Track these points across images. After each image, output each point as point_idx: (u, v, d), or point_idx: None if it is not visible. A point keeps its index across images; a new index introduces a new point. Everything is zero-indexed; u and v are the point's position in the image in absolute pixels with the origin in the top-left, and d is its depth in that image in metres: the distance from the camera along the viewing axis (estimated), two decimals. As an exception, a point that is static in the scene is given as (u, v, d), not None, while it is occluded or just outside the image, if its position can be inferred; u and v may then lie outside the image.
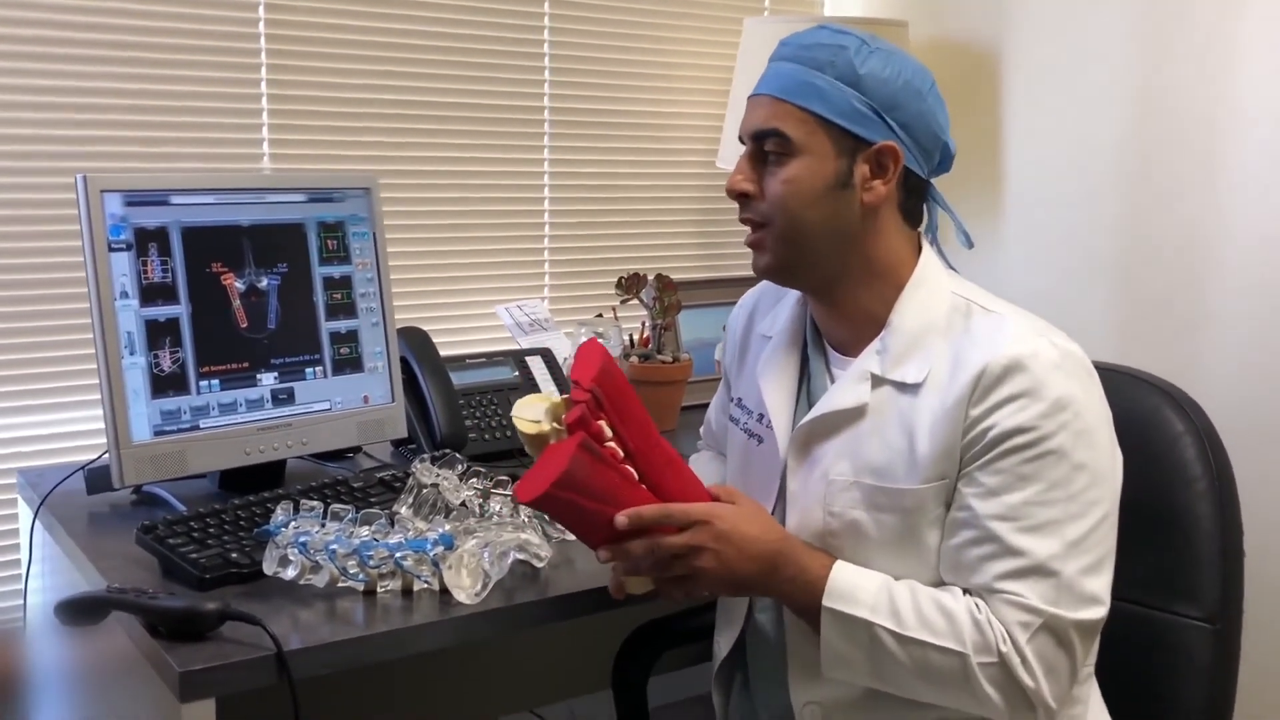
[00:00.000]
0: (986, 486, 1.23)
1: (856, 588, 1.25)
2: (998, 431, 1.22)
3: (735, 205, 1.37)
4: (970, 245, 1.43)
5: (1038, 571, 1.20)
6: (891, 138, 1.30)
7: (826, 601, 1.24)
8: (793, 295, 1.47)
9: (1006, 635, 1.20)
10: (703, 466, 1.66)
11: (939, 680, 1.23)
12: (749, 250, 1.38)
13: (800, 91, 1.29)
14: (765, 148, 1.31)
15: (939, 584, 1.27)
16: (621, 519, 1.21)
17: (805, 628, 1.30)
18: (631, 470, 1.27)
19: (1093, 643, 1.25)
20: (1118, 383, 1.50)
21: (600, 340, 2.16)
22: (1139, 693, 1.36)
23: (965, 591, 1.24)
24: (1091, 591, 1.22)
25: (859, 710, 1.31)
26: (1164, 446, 1.43)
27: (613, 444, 1.26)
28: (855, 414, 1.31)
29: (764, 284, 1.56)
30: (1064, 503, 1.21)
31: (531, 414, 1.30)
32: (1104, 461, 1.25)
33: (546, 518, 1.50)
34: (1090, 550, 1.22)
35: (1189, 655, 1.41)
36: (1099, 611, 1.22)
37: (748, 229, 1.35)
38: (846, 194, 1.30)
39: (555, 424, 1.28)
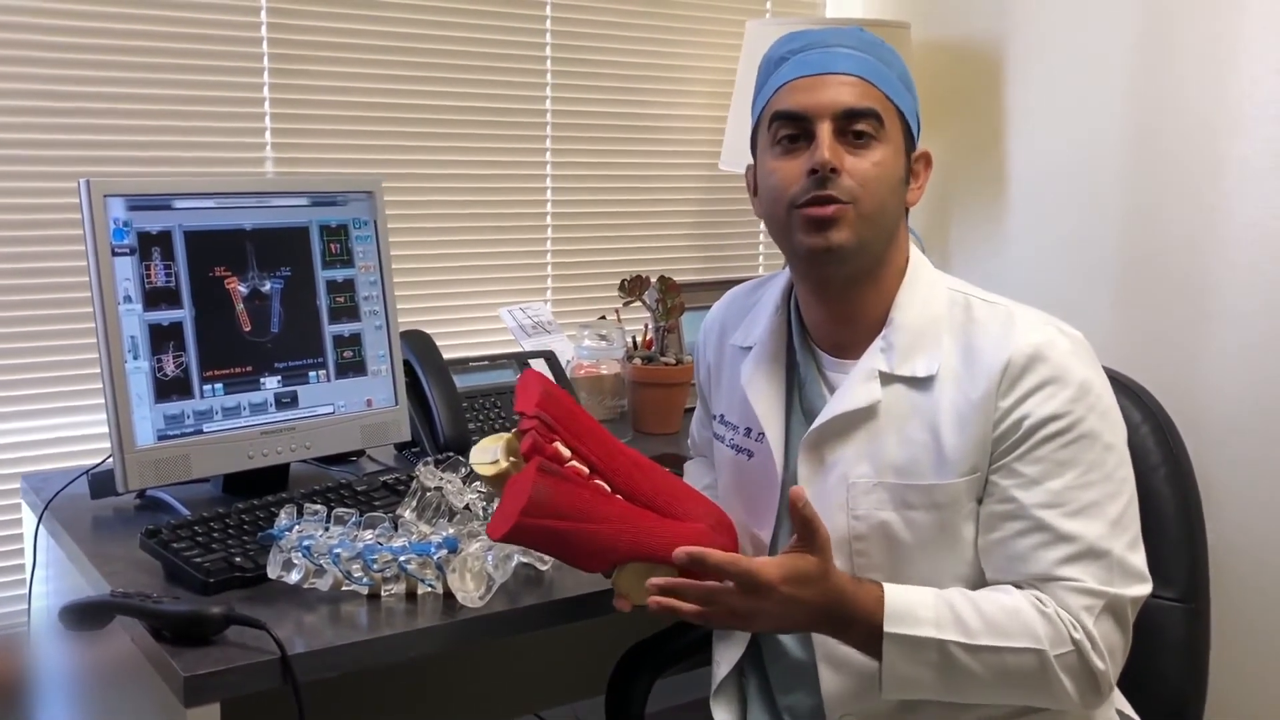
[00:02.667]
0: (1027, 476, 1.24)
1: (914, 605, 1.23)
2: (1033, 420, 1.23)
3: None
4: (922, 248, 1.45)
5: (1090, 554, 1.22)
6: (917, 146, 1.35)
7: (888, 627, 1.22)
8: (766, 305, 1.45)
9: (1075, 622, 1.21)
10: (697, 476, 1.65)
11: (1014, 681, 1.23)
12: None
13: (886, 81, 1.31)
14: (856, 127, 1.28)
15: (974, 580, 1.27)
16: (681, 555, 1.20)
17: (833, 644, 1.28)
18: (602, 484, 1.26)
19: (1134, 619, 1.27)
20: None
21: (604, 341, 2.17)
22: (1122, 672, 1.38)
23: (1017, 586, 1.24)
24: (1138, 567, 1.25)
25: (896, 717, 1.30)
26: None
27: (575, 463, 1.25)
28: (868, 413, 1.30)
29: (728, 298, 1.56)
30: (1101, 483, 1.24)
31: (488, 456, 1.29)
32: (1123, 441, 1.28)
33: None
34: (1129, 527, 1.25)
35: (1166, 634, 1.46)
36: (1147, 587, 1.25)
37: (817, 205, 1.27)
38: (903, 190, 1.33)
39: (513, 458, 1.27)
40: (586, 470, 1.26)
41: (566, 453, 1.25)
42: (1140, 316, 2.20)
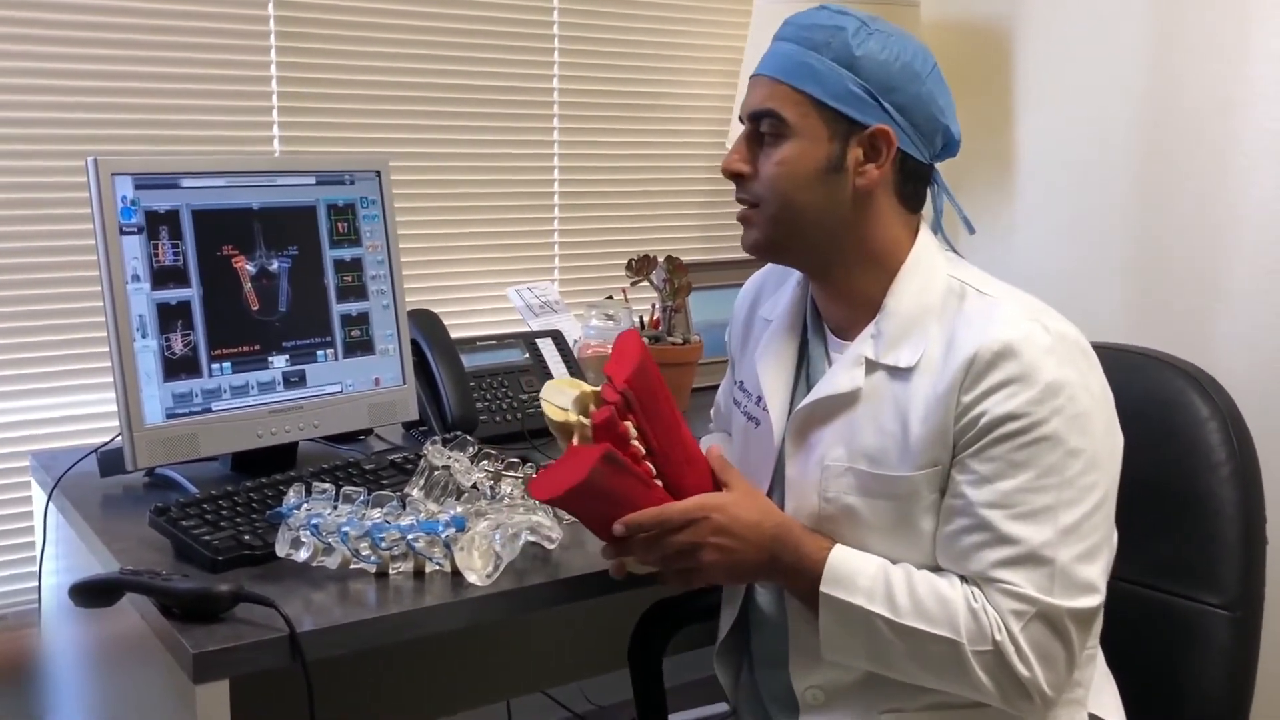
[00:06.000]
0: (979, 474, 1.22)
1: (854, 573, 1.25)
2: (989, 418, 1.21)
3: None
4: (972, 231, 1.43)
5: (1031, 559, 1.19)
6: (886, 121, 1.28)
7: (824, 588, 1.25)
8: (794, 278, 1.46)
9: (1001, 624, 1.19)
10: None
11: (934, 667, 1.23)
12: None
13: (796, 72, 1.29)
14: (761, 128, 1.31)
15: (936, 569, 1.27)
16: (619, 528, 1.24)
17: (805, 613, 1.31)
18: (650, 467, 1.27)
19: (1089, 630, 1.24)
20: (1142, 366, 1.49)
21: (611, 321, 2.16)
22: (1157, 679, 1.35)
23: (963, 579, 1.24)
24: (1086, 579, 1.20)
25: (860, 693, 1.32)
26: (1188, 430, 1.41)
27: (636, 443, 1.26)
28: (849, 399, 1.31)
29: (769, 267, 1.56)
30: (1057, 489, 1.20)
31: (561, 400, 1.29)
32: (1100, 446, 1.24)
33: None
34: (1085, 537, 1.21)
35: (1208, 643, 1.40)
36: (1094, 599, 1.21)
37: (741, 206, 1.36)
38: (839, 177, 1.29)
39: (582, 417, 1.27)
40: (643, 452, 1.27)
41: (633, 433, 1.26)
42: (1151, 297, 2.19)
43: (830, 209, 1.30)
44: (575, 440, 1.26)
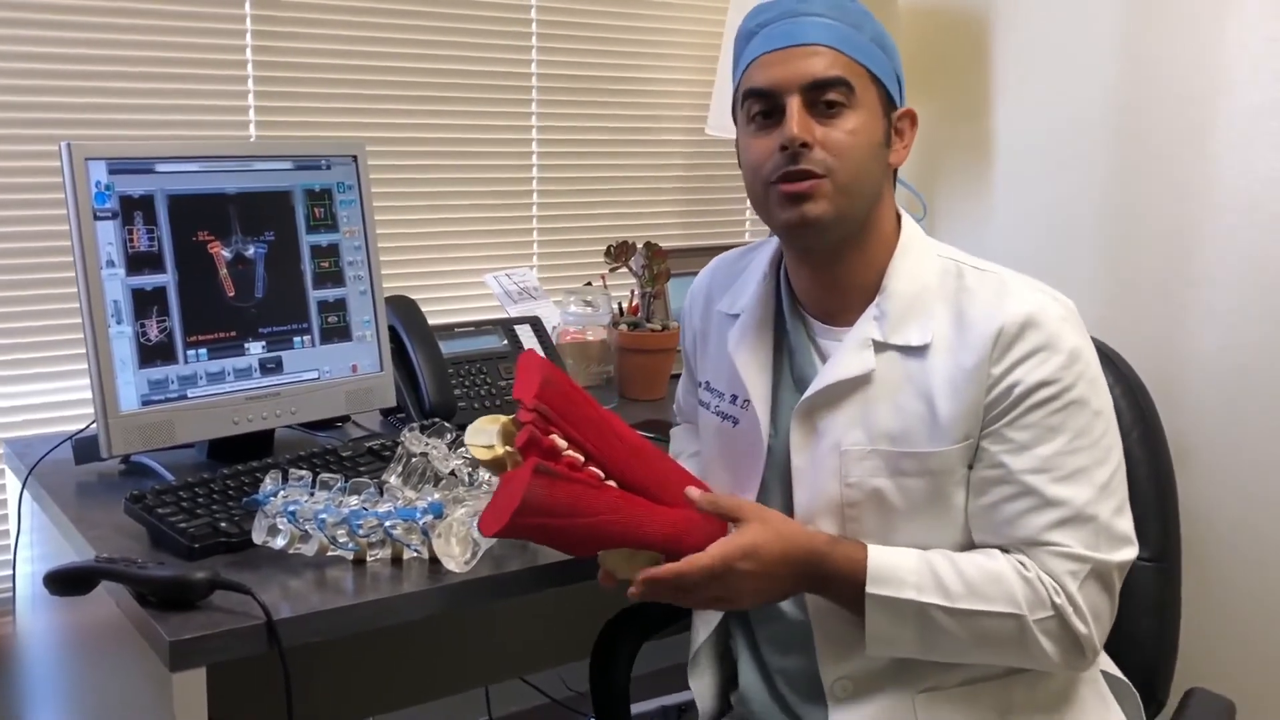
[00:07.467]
0: (1017, 442, 1.25)
1: (897, 568, 1.25)
2: (1023, 387, 1.24)
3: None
4: (925, 212, 1.44)
5: (1078, 519, 1.23)
6: (905, 103, 1.35)
7: (870, 589, 1.24)
8: (755, 271, 1.45)
9: (1058, 587, 1.23)
10: (684, 443, 1.65)
11: (993, 644, 1.25)
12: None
13: (855, 46, 1.30)
14: (826, 97, 1.28)
15: (965, 545, 1.28)
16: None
17: (828, 607, 1.30)
18: (596, 471, 1.26)
19: (1121, 583, 1.29)
20: None
21: (590, 307, 2.16)
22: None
23: (1003, 550, 1.26)
24: (1124, 531, 1.26)
25: (892, 678, 1.31)
26: None
27: (570, 452, 1.25)
28: (862, 381, 1.31)
29: (715, 264, 1.56)
30: (1089, 449, 1.25)
31: (484, 439, 1.28)
32: (1110, 408, 1.30)
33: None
34: (1116, 492, 1.26)
35: (1138, 593, 1.47)
36: (1133, 551, 1.27)
37: (791, 181, 1.27)
38: (885, 153, 1.33)
39: (508, 447, 1.26)
40: (582, 459, 1.26)
41: (563, 444, 1.24)
42: (1125, 282, 2.20)
43: (878, 183, 1.33)
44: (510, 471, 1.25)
